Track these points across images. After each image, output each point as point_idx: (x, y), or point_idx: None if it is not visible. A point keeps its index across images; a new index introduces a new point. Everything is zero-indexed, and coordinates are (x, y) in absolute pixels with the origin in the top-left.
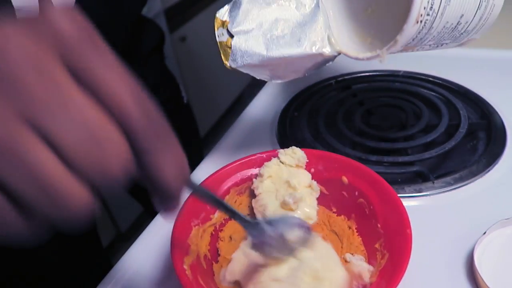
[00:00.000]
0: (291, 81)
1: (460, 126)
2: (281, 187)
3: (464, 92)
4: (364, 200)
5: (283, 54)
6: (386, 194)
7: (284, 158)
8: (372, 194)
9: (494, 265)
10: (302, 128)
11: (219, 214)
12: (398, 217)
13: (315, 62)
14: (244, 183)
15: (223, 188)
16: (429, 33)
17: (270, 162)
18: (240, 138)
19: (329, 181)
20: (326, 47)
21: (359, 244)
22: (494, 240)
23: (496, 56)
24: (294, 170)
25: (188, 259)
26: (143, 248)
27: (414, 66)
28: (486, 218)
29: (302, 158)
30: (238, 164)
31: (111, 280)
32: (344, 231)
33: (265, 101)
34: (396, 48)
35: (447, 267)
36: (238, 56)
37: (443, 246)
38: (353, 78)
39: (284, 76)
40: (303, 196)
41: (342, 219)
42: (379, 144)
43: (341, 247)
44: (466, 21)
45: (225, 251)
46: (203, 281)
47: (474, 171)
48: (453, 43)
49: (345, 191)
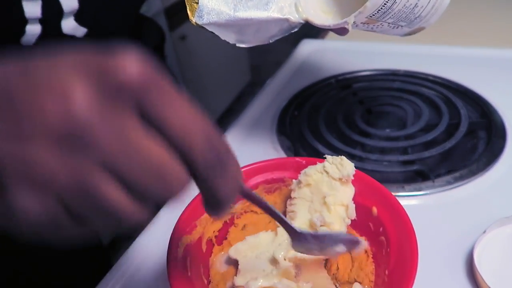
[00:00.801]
0: (291, 80)
1: (460, 125)
2: (317, 199)
3: (464, 91)
4: (385, 240)
5: (250, 15)
6: (407, 242)
7: (330, 167)
8: (394, 236)
9: (494, 263)
10: (302, 127)
11: (240, 205)
12: (406, 272)
13: (280, 27)
14: (275, 183)
15: (251, 182)
16: (391, 9)
17: (313, 169)
18: (240, 137)
19: (360, 206)
20: (293, 13)
21: (370, 272)
22: (494, 239)
23: (496, 55)
24: (336, 184)
25: (187, 238)
26: (143, 248)
27: (414, 65)
28: (486, 217)
29: (349, 174)
30: (273, 163)
31: (111, 280)
32: (360, 254)
33: (265, 100)
34: (363, 15)
35: (447, 266)
36: (205, 13)
37: (443, 245)
38: (354, 77)
39: (248, 41)
40: (332, 222)
41: (362, 240)
42: (379, 143)
43: (350, 270)
44: (422, 5)
45: (232, 237)
46: (191, 262)
47: (474, 170)
48: (407, 27)
49: (372, 223)
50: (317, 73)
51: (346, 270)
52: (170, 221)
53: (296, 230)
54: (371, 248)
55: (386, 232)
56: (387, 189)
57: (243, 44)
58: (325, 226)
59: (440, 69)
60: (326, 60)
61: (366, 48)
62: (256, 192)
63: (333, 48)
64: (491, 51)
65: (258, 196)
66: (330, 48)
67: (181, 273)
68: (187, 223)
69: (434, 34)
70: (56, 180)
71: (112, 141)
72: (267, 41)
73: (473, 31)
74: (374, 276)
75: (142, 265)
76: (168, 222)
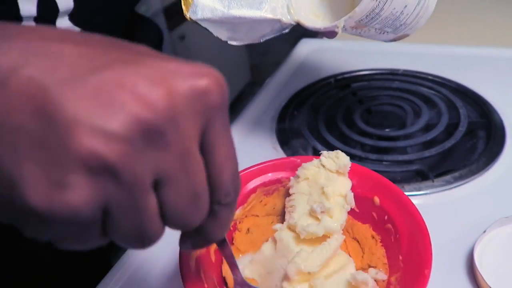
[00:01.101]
0: (290, 80)
1: (459, 124)
2: (315, 191)
3: (463, 91)
4: (392, 227)
5: (244, 14)
6: (415, 225)
7: (326, 161)
8: (401, 221)
9: (494, 263)
10: (302, 126)
11: (240, 211)
12: (421, 254)
13: (272, 28)
14: (273, 185)
15: (249, 186)
16: (379, 15)
17: (310, 164)
18: (240, 136)
19: (361, 198)
20: (285, 15)
21: (382, 256)
22: (494, 239)
23: (496, 54)
24: (333, 176)
25: (196, 251)
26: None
27: (413, 65)
28: (486, 217)
29: (345, 165)
30: (269, 165)
31: (111, 280)
32: (367, 240)
33: (265, 100)
34: (352, 20)
35: (447, 266)
36: (199, 8)
37: (443, 245)
38: (353, 76)
39: (241, 39)
40: (332, 207)
41: (366, 227)
42: (379, 143)
43: (362, 257)
44: (407, 13)
45: (239, 242)
46: (205, 274)
47: (473, 170)
48: (392, 33)
49: (375, 213)
50: (317, 72)
51: (358, 257)
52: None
53: (243, 280)
54: (378, 235)
55: (392, 219)
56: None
57: (235, 41)
58: (325, 212)
59: (439, 68)
60: (325, 60)
61: (365, 48)
62: (252, 197)
63: (332, 48)
64: (491, 51)
65: (229, 247)
66: (329, 48)
67: (198, 286)
68: None
69: (434, 34)
70: (121, 177)
71: (178, 152)
72: (258, 40)
73: (473, 31)
74: (386, 259)
75: (142, 266)
76: None
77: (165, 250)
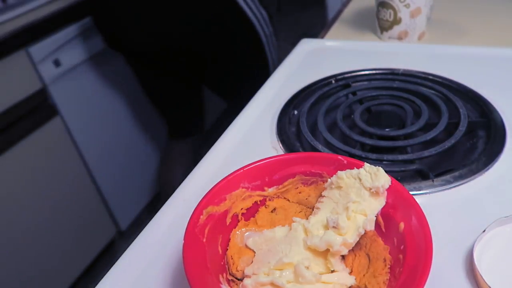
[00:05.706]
0: (291, 79)
1: (459, 124)
2: (341, 203)
3: (463, 91)
4: (402, 258)
5: None
6: (419, 265)
7: (364, 175)
8: (409, 259)
9: (493, 263)
10: (302, 126)
11: (274, 190)
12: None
13: None
14: (313, 177)
15: (291, 171)
16: None
17: (347, 173)
18: (239, 136)
19: (390, 219)
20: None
21: (382, 282)
22: (493, 238)
23: (496, 54)
24: (365, 193)
25: (212, 208)
26: (143, 247)
27: (413, 65)
28: (486, 216)
29: (382, 185)
30: (315, 156)
31: (111, 279)
32: (377, 261)
33: (265, 100)
34: None
35: (447, 265)
36: None
37: (442, 244)
38: (353, 76)
39: None
40: (345, 226)
41: (385, 248)
42: (379, 143)
43: (363, 275)
44: None
45: (260, 216)
46: (211, 231)
47: (473, 170)
48: None
49: (396, 238)
50: (317, 72)
51: (360, 274)
52: (170, 221)
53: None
54: (392, 260)
55: (405, 252)
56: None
57: None
58: (336, 229)
59: (439, 68)
60: (325, 60)
61: (365, 48)
62: (289, 181)
63: (332, 48)
64: (491, 51)
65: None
66: (330, 48)
67: (195, 238)
68: (217, 195)
69: (434, 34)
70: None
71: None
72: None
73: (473, 31)
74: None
75: (143, 265)
76: (168, 222)
77: (166, 249)
